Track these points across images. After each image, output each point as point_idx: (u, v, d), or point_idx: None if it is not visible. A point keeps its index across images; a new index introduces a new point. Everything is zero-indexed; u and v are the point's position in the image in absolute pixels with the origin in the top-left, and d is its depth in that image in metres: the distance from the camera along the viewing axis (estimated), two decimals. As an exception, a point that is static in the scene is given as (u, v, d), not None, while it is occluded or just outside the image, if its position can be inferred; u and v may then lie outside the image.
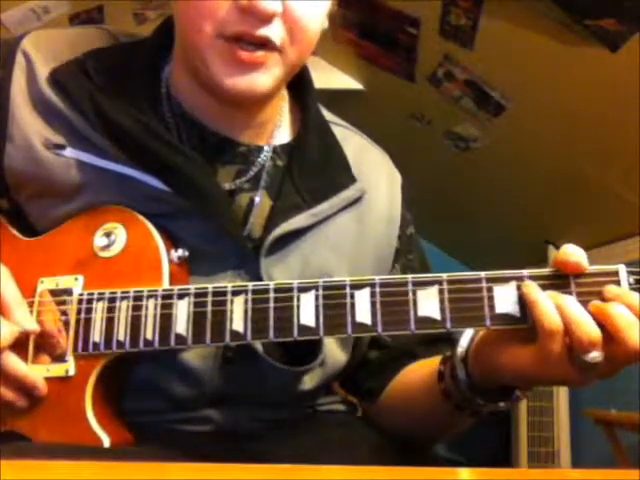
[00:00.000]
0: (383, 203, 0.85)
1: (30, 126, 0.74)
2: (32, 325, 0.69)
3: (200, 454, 0.67)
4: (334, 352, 0.81)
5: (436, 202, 2.98)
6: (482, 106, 2.59)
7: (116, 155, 0.72)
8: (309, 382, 0.78)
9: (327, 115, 0.88)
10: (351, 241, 0.81)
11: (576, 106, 2.27)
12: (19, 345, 0.68)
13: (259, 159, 0.80)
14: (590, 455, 2.79)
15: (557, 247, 3.01)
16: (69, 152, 0.73)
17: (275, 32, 0.68)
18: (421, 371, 0.81)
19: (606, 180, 2.43)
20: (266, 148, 0.81)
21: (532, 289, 0.61)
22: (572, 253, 0.61)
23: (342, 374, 0.85)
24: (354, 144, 0.88)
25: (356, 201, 0.82)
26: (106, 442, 0.66)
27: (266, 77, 0.70)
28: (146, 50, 0.79)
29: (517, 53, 2.25)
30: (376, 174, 0.87)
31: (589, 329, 0.58)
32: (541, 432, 2.93)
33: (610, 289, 0.60)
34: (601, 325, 0.59)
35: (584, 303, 0.60)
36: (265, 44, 0.68)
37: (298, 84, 0.84)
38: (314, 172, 0.80)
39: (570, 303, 0.60)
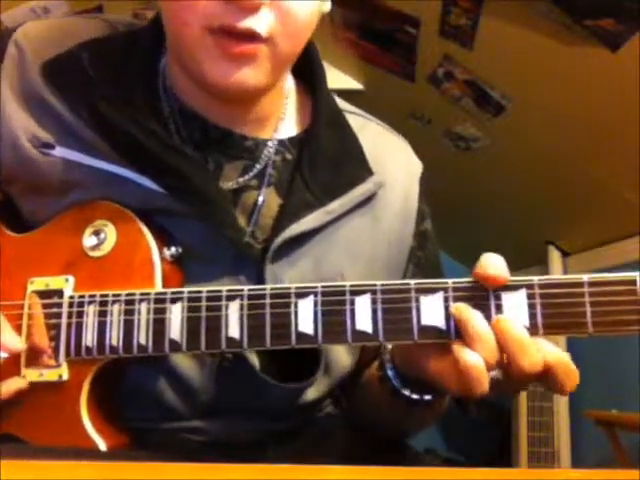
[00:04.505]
0: (399, 197, 0.80)
1: (18, 122, 0.71)
2: (18, 344, 0.67)
3: (194, 459, 0.67)
4: (340, 357, 0.77)
5: (435, 202, 2.96)
6: (482, 106, 2.58)
7: (108, 154, 0.69)
8: (314, 392, 0.75)
9: (340, 103, 0.82)
10: (366, 241, 0.76)
11: (576, 106, 2.26)
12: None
13: (264, 154, 0.75)
14: (590, 455, 2.78)
15: (557, 247, 3.01)
16: (58, 151, 0.70)
17: (262, 23, 0.62)
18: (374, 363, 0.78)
19: (606, 180, 2.42)
20: (271, 142, 0.76)
21: (459, 308, 0.58)
22: (490, 264, 0.58)
23: (347, 379, 0.81)
24: (371, 133, 0.82)
25: (371, 197, 0.76)
26: (102, 447, 0.66)
27: (256, 71, 0.65)
28: (142, 42, 0.75)
29: (517, 53, 2.23)
30: (394, 164, 0.81)
31: (492, 347, 0.56)
32: (541, 432, 2.92)
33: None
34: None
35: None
36: (251, 37, 0.63)
37: (307, 71, 0.78)
38: (327, 166, 0.74)
39: (477, 318, 0.57)
